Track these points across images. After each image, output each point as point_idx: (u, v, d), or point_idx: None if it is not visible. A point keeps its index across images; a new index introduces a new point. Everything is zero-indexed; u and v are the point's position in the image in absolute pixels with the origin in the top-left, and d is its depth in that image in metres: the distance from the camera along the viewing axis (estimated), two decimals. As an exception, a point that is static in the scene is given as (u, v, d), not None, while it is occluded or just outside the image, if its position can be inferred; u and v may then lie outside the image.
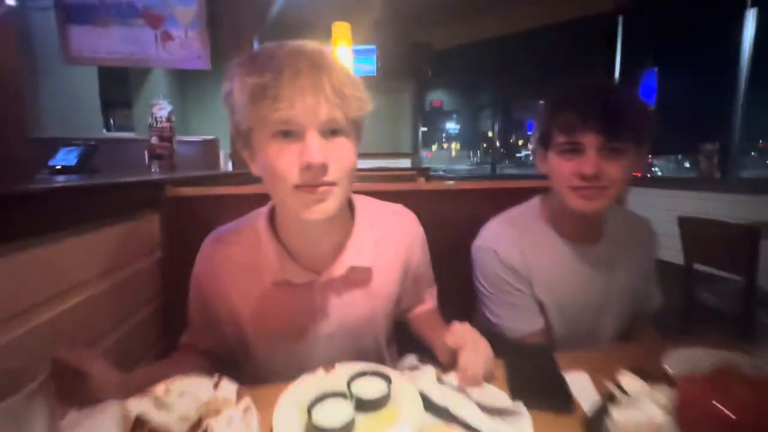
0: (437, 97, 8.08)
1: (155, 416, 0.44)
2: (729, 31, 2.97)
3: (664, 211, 3.46)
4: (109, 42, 2.43)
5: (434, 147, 7.20)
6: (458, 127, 7.51)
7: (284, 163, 0.51)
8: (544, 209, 0.81)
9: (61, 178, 1.11)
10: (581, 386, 0.55)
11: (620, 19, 3.90)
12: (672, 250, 1.83)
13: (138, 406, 0.46)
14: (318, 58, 0.51)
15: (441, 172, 5.72)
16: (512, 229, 0.79)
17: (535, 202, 0.83)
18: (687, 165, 4.08)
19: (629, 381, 0.52)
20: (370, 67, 4.86)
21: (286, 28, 4.32)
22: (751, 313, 1.45)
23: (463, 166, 6.55)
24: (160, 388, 0.48)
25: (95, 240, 0.72)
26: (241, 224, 0.67)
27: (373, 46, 4.80)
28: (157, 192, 0.92)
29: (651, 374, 0.54)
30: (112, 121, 5.83)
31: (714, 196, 3.09)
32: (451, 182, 1.11)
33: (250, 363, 0.69)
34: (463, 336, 0.57)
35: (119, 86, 4.03)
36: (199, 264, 0.67)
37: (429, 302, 0.80)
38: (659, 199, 3.55)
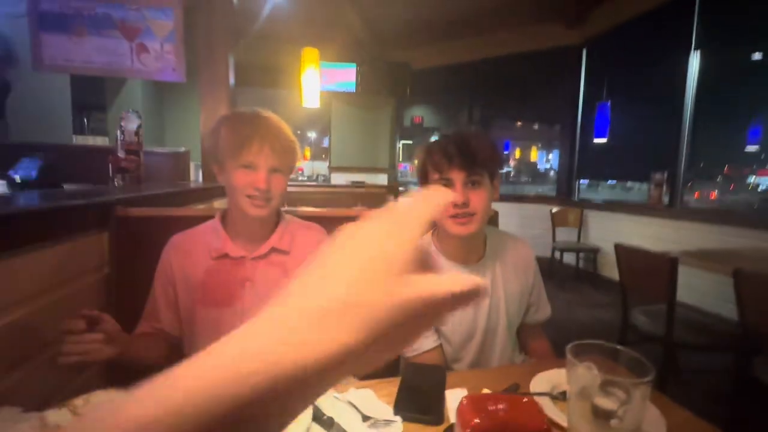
0: (418, 113, 8.25)
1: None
2: (676, 70, 3.23)
3: (620, 233, 3.67)
4: (83, 51, 2.45)
5: (416, 161, 7.34)
6: (441, 142, 7.78)
7: (242, 183, 0.81)
8: (434, 238, 0.94)
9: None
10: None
11: (584, 53, 4.16)
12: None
13: (56, 416, 0.52)
14: (268, 123, 0.83)
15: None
16: None
17: (428, 234, 0.95)
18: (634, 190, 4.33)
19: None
20: (351, 84, 5.01)
21: (264, 43, 4.41)
22: (670, 335, 1.59)
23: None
24: (78, 400, 0.54)
25: (41, 257, 0.78)
26: (201, 224, 0.91)
27: (353, 64, 4.95)
28: (105, 211, 0.98)
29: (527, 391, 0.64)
30: (86, 122, 5.73)
31: (661, 222, 3.31)
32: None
33: (192, 338, 0.85)
34: None
35: (95, 89, 4.00)
36: (165, 252, 0.88)
37: None
38: (616, 223, 3.75)
